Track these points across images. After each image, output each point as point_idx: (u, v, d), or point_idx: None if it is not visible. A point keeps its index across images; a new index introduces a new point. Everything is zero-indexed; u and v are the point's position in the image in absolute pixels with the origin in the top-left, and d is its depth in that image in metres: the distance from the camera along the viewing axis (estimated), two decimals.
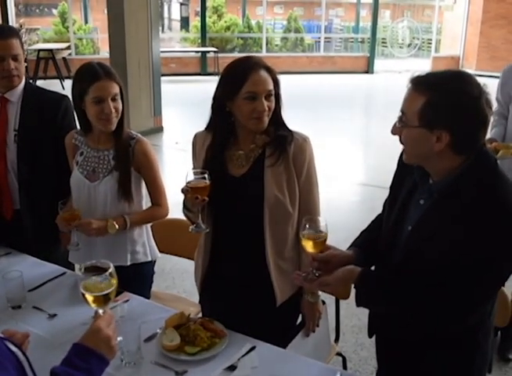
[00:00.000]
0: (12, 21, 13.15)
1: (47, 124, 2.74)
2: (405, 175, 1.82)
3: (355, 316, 3.76)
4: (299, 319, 2.37)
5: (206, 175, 1.99)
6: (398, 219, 1.81)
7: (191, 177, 2.00)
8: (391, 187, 1.92)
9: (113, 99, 2.37)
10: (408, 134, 1.64)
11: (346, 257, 1.89)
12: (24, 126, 2.75)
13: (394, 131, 1.67)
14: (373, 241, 1.95)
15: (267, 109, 2.05)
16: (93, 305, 1.58)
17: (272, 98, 2.08)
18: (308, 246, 1.81)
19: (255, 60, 2.08)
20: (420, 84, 1.61)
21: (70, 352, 1.40)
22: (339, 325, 2.83)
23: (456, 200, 1.61)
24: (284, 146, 2.12)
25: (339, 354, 2.76)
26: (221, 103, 2.10)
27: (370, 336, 2.03)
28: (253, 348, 2.01)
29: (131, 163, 2.46)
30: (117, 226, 2.40)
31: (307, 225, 1.80)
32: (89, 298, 1.56)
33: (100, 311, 1.57)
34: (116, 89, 2.38)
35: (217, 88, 2.12)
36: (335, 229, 1.84)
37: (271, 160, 2.12)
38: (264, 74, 2.05)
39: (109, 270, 1.56)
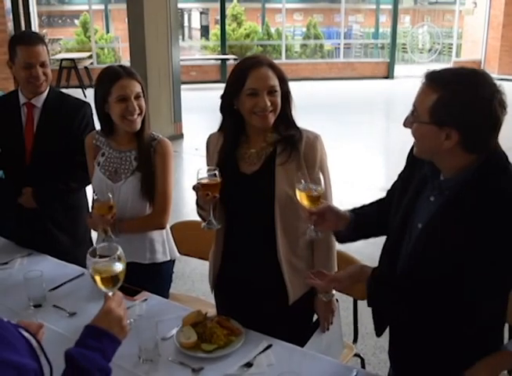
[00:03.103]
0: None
1: (64, 129, 2.81)
2: (414, 172, 1.82)
3: None
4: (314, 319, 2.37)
5: (216, 172, 2.02)
6: (406, 216, 1.80)
7: (202, 174, 2.03)
8: (397, 182, 1.92)
9: (137, 98, 2.40)
10: (418, 129, 1.65)
11: (341, 214, 1.93)
12: (42, 130, 2.82)
13: (405, 125, 1.68)
14: (368, 215, 2.00)
15: (269, 104, 2.07)
16: (103, 287, 1.61)
17: (277, 93, 2.09)
18: (304, 199, 1.84)
19: (259, 58, 2.12)
20: (433, 80, 1.60)
21: (83, 334, 1.44)
22: (357, 326, 2.81)
23: (467, 200, 1.60)
24: (295, 144, 2.14)
25: (357, 355, 2.75)
26: (228, 101, 2.15)
27: (378, 334, 2.00)
28: (269, 346, 2.03)
29: (153, 163, 2.48)
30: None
31: (302, 180, 1.84)
32: (99, 279, 1.60)
33: (110, 293, 1.60)
34: (138, 88, 2.41)
35: (225, 87, 2.17)
36: None
37: (282, 159, 2.14)
38: (266, 70, 2.07)
39: (117, 253, 1.60)
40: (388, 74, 16.36)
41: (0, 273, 2.57)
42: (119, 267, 1.61)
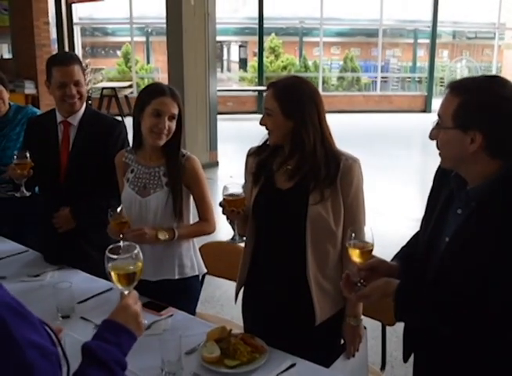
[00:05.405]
0: None
1: (99, 147, 2.86)
2: (441, 190, 1.81)
3: None
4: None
5: (241, 189, 2.14)
6: (435, 231, 1.78)
7: (228, 191, 2.17)
8: (428, 203, 1.90)
9: (170, 119, 2.45)
10: (443, 136, 1.66)
11: (391, 266, 1.88)
12: (77, 147, 2.89)
13: (431, 136, 1.69)
14: (412, 256, 1.93)
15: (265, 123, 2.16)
16: (119, 285, 1.65)
17: (271, 116, 2.14)
18: (355, 255, 1.80)
19: (273, 82, 2.22)
20: (455, 87, 1.64)
21: (101, 328, 1.45)
22: (385, 352, 2.76)
23: (494, 208, 1.59)
24: (330, 172, 2.13)
25: None
26: None
27: (405, 360, 1.97)
28: (293, 366, 2.00)
29: (182, 179, 2.53)
30: (167, 235, 2.46)
31: (353, 235, 1.81)
32: (115, 277, 1.64)
33: (126, 291, 1.64)
34: (175, 110, 2.46)
35: None
36: None
37: (315, 198, 2.13)
38: (268, 92, 2.16)
39: (135, 251, 1.63)
40: (426, 108, 16.29)
41: (31, 284, 2.62)
42: (136, 265, 1.65)
